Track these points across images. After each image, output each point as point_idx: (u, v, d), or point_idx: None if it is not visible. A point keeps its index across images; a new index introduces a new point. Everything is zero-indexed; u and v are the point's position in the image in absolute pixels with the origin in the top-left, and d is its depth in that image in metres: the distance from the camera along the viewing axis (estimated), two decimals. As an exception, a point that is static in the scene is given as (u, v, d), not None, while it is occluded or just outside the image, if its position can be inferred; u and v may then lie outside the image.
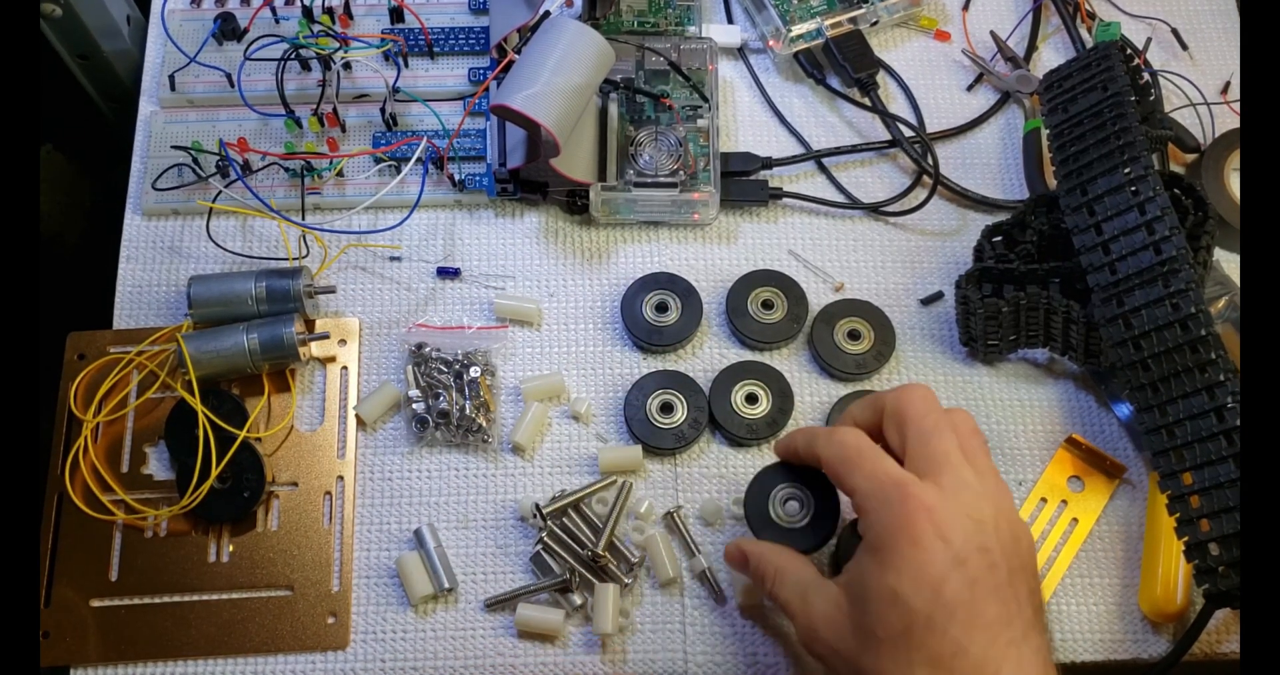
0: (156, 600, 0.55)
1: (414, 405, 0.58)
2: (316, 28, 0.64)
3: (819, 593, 0.45)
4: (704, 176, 0.63)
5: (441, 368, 0.59)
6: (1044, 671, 0.40)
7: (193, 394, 0.55)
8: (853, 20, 0.69)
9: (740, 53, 0.71)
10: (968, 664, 0.39)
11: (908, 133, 0.66)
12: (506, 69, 0.60)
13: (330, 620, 0.54)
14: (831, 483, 0.48)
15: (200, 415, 0.55)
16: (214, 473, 0.54)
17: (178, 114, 0.66)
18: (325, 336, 0.60)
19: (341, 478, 0.57)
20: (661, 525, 0.57)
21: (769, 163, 0.66)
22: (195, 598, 0.55)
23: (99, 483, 0.56)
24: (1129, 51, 0.62)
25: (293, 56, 0.63)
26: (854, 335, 0.61)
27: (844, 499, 0.48)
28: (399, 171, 0.63)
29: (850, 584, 0.43)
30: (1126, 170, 0.53)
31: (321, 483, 0.57)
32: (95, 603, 0.54)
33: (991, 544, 0.42)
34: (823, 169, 0.68)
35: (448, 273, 0.63)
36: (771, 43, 0.69)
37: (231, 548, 0.55)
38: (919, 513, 0.41)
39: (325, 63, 0.64)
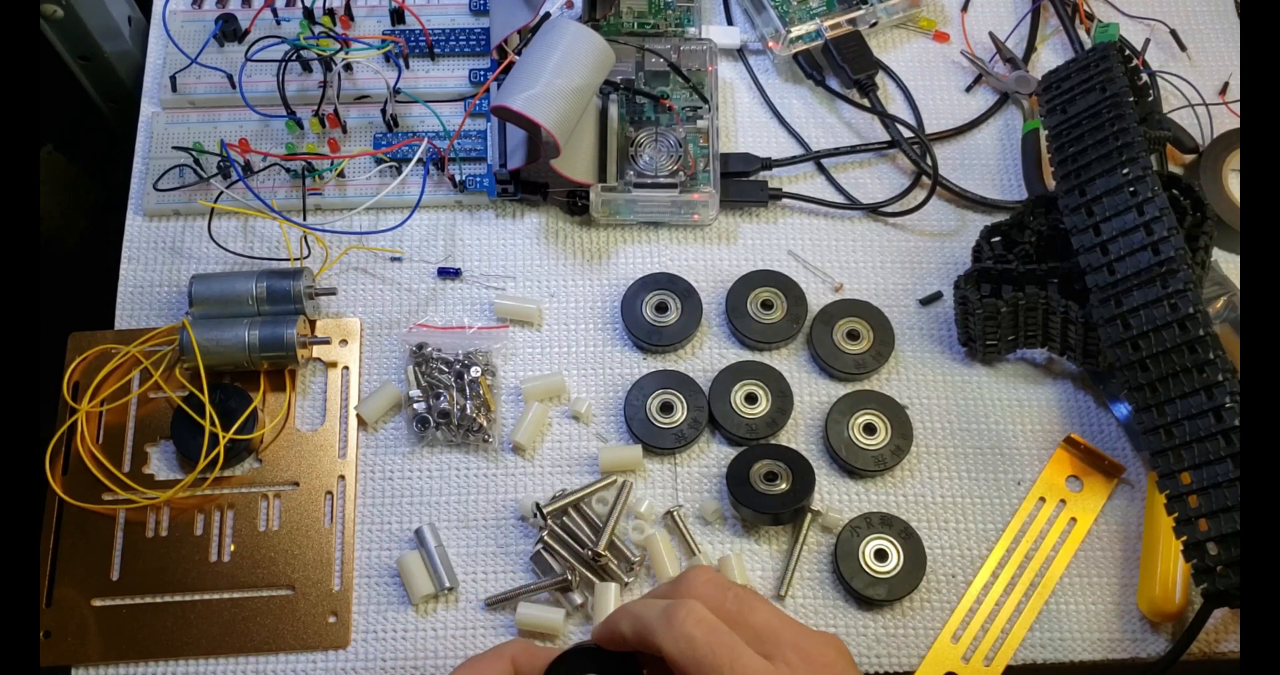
0: (157, 600, 0.55)
1: (415, 405, 0.58)
2: (317, 29, 0.64)
3: None
4: (704, 177, 0.63)
5: (442, 368, 0.59)
6: None
7: (195, 383, 0.56)
8: (852, 21, 0.69)
9: (740, 54, 0.71)
10: None
11: (907, 133, 0.67)
12: (507, 70, 0.60)
13: (331, 620, 0.54)
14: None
15: (205, 399, 0.55)
16: (223, 440, 0.55)
17: (179, 115, 0.66)
18: (326, 341, 0.60)
19: (342, 477, 0.58)
20: (661, 525, 0.57)
21: (768, 163, 0.66)
22: (196, 597, 0.55)
23: (103, 474, 0.56)
24: (1127, 52, 0.62)
25: (294, 58, 0.63)
26: (853, 335, 0.61)
27: None
28: (400, 172, 0.63)
29: None
30: (1125, 171, 0.54)
31: (322, 482, 0.57)
32: (96, 602, 0.54)
33: None
34: (822, 170, 0.68)
35: (448, 273, 0.63)
36: (771, 44, 0.70)
37: (233, 547, 0.55)
38: None
39: (326, 64, 0.64)
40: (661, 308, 0.61)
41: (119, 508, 0.56)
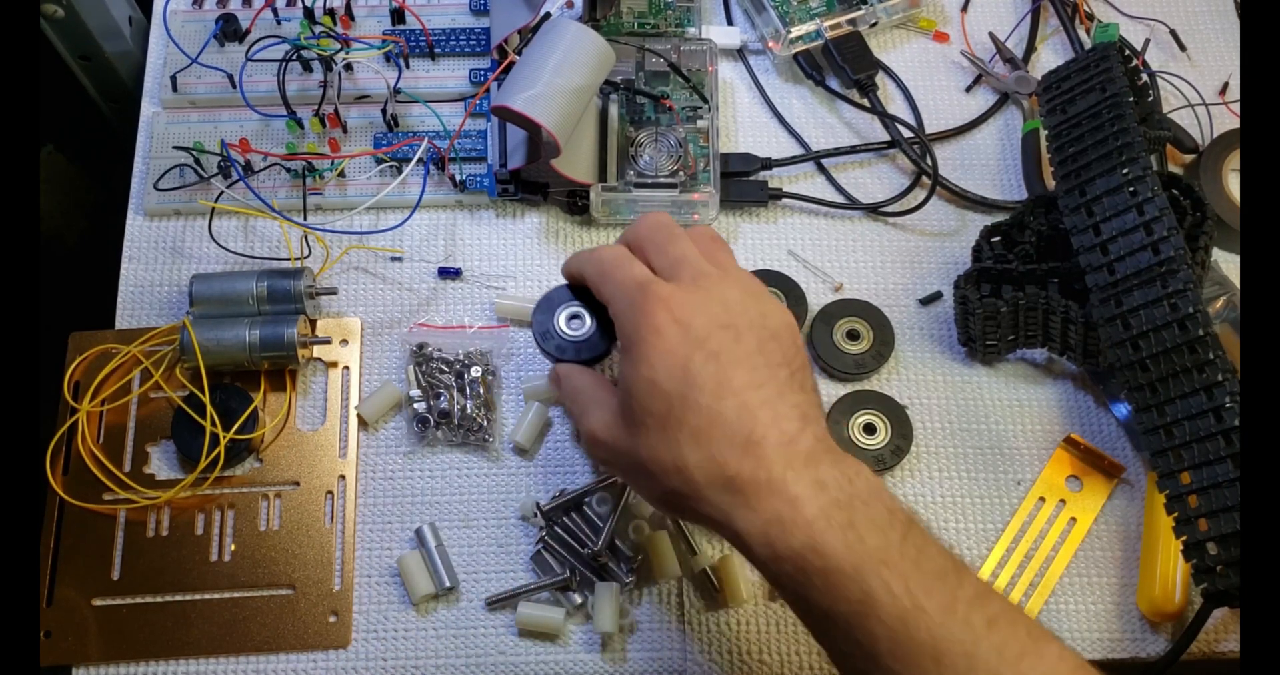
0: (158, 599, 0.55)
1: (415, 405, 0.58)
2: (318, 29, 0.64)
3: (597, 402, 0.47)
4: (704, 177, 0.63)
5: (443, 367, 0.59)
6: (801, 421, 0.43)
7: (196, 383, 0.56)
8: (852, 22, 0.69)
9: (740, 54, 0.71)
10: (725, 427, 0.42)
11: (907, 134, 0.67)
12: (507, 70, 0.60)
13: (332, 619, 0.54)
14: None
15: (205, 399, 0.55)
16: (224, 439, 0.55)
17: (179, 115, 0.66)
18: (327, 341, 0.60)
19: (343, 477, 0.58)
20: (661, 524, 0.57)
21: (768, 163, 0.66)
22: (197, 597, 0.55)
23: (104, 474, 0.56)
24: (1127, 52, 0.62)
25: (294, 58, 0.63)
26: (853, 335, 0.61)
27: None
28: (400, 172, 0.63)
29: (618, 387, 0.46)
30: (1125, 171, 0.54)
31: (323, 482, 0.57)
32: (97, 602, 0.54)
33: (736, 321, 0.44)
34: (822, 170, 0.68)
35: (449, 273, 0.63)
36: (771, 44, 0.70)
37: (233, 547, 0.56)
38: (657, 305, 0.44)
39: (327, 64, 0.64)
40: (662, 308, 0.61)
41: (119, 507, 0.56)
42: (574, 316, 0.53)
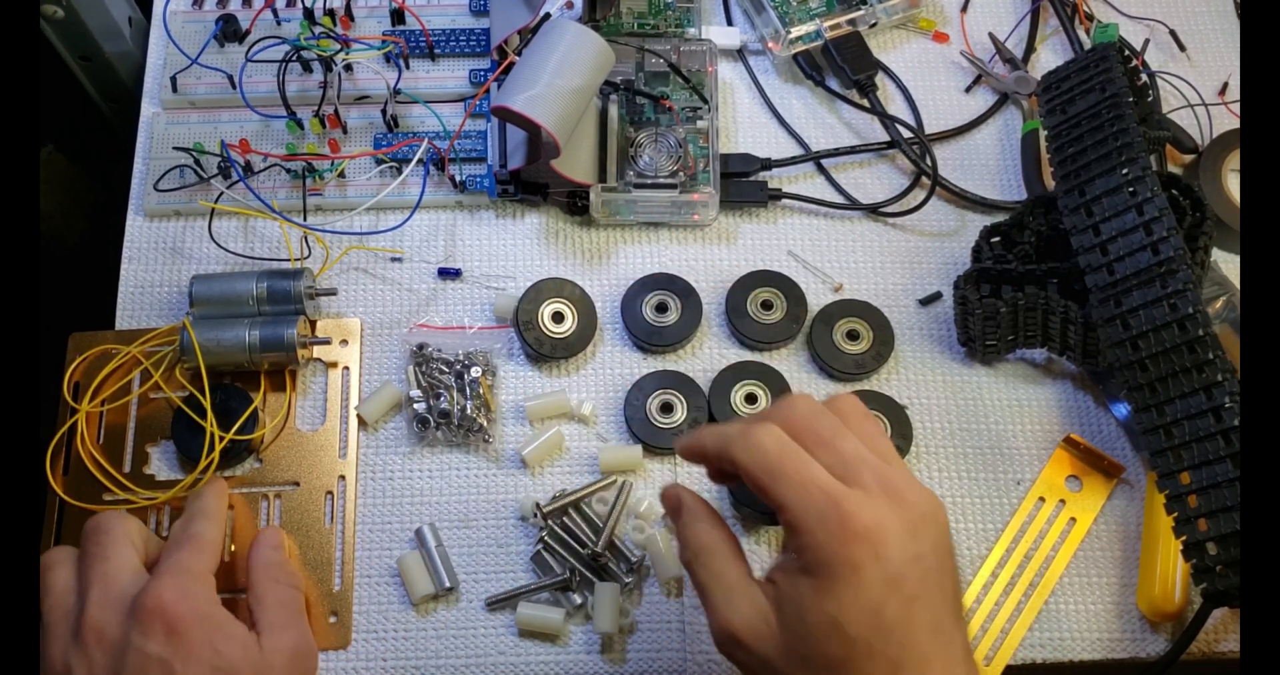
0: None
1: (415, 405, 0.58)
2: (318, 29, 0.64)
3: (745, 597, 0.42)
4: (704, 177, 0.63)
5: (442, 368, 0.59)
6: (966, 663, 0.41)
7: (196, 384, 0.56)
8: (851, 22, 0.69)
9: (739, 54, 0.71)
10: None
11: (906, 134, 0.67)
12: (507, 70, 0.60)
13: (332, 619, 0.54)
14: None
15: (205, 401, 0.55)
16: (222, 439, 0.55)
17: (179, 115, 0.66)
18: (327, 341, 0.60)
19: (343, 477, 0.58)
20: (661, 525, 0.57)
21: (768, 164, 0.66)
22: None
23: (104, 474, 0.56)
24: (1127, 53, 0.62)
25: (294, 58, 0.63)
26: (853, 335, 0.61)
27: None
28: (400, 173, 0.63)
29: (783, 602, 0.41)
30: (1124, 171, 0.54)
31: (323, 482, 0.57)
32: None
33: (924, 547, 0.40)
34: (822, 170, 0.68)
35: (449, 273, 0.63)
36: (770, 44, 0.70)
37: (233, 547, 0.55)
38: (858, 535, 0.39)
39: (326, 64, 0.64)
40: (661, 308, 0.61)
41: (119, 509, 0.56)
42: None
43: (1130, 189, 0.53)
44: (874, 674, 0.39)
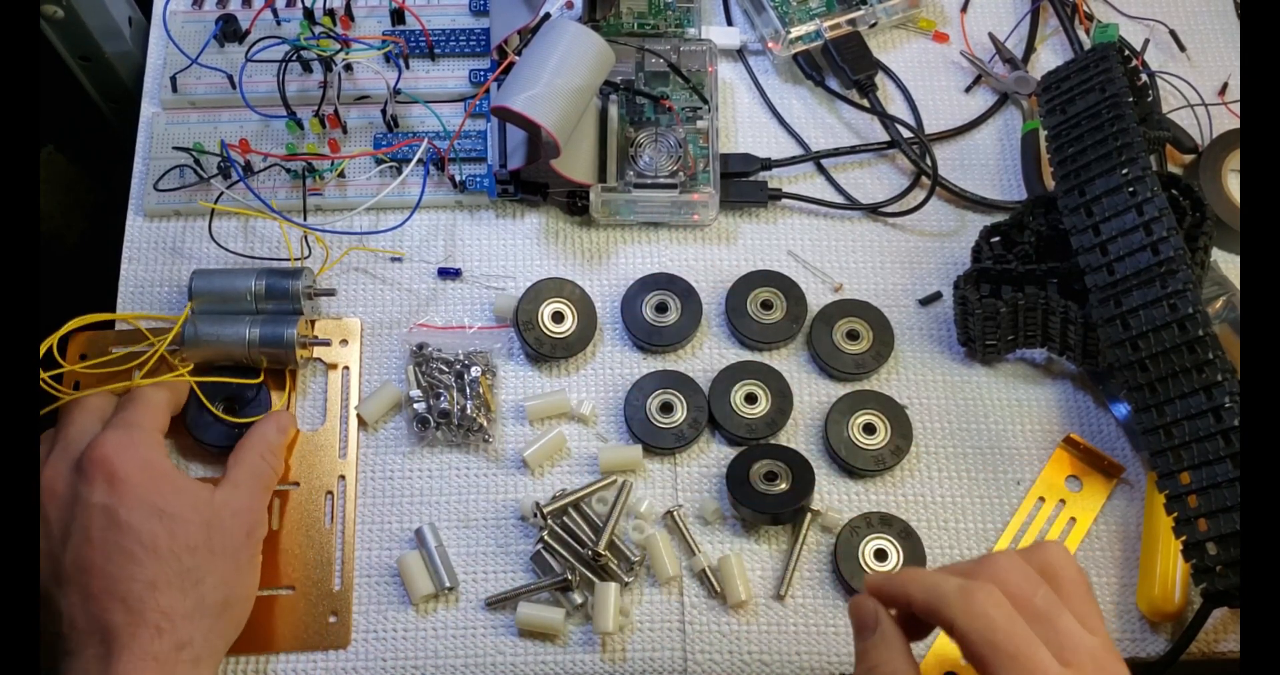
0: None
1: (415, 405, 0.58)
2: (318, 29, 0.64)
3: None
4: (703, 177, 0.63)
5: (442, 367, 0.59)
6: None
7: (198, 371, 0.57)
8: (851, 22, 0.69)
9: (739, 54, 0.71)
10: None
11: (906, 134, 0.67)
12: (507, 70, 0.60)
13: (332, 619, 0.54)
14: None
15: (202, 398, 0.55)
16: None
17: (179, 115, 0.66)
18: (326, 342, 0.60)
19: (343, 477, 0.58)
20: (661, 524, 0.57)
21: (768, 164, 0.66)
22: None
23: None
24: (1127, 53, 0.62)
25: (294, 58, 0.63)
26: (853, 335, 0.61)
27: None
28: (400, 173, 0.63)
29: None
30: (1124, 171, 0.54)
31: (323, 482, 0.57)
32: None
33: None
34: (822, 170, 0.68)
35: (449, 273, 0.63)
36: (770, 44, 0.70)
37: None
38: None
39: (326, 64, 0.64)
40: (661, 308, 0.61)
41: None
42: None
43: (1130, 189, 0.53)
44: None
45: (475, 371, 0.59)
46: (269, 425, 0.56)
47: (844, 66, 0.68)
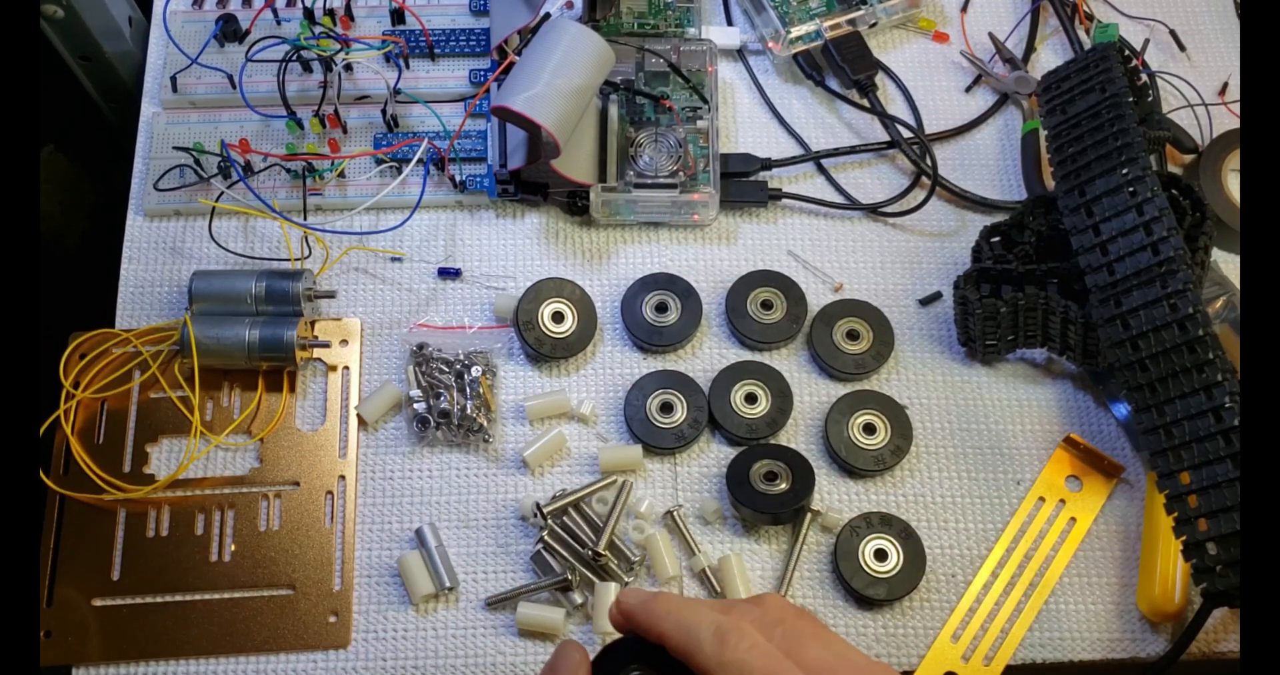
0: (158, 599, 0.55)
1: (415, 405, 0.58)
2: (318, 29, 0.64)
3: None
4: (704, 177, 0.63)
5: (442, 367, 0.59)
6: None
7: (191, 381, 0.56)
8: (851, 22, 0.69)
9: (739, 54, 0.71)
10: None
11: (906, 134, 0.67)
12: (507, 70, 0.60)
13: (332, 619, 0.54)
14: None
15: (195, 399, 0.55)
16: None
17: (179, 115, 0.66)
18: (326, 345, 0.60)
19: (343, 477, 0.58)
20: (661, 524, 0.57)
21: (768, 164, 0.66)
22: (197, 597, 0.55)
23: (103, 471, 0.56)
24: (1127, 53, 0.62)
25: (294, 58, 0.63)
26: (853, 335, 0.61)
27: None
28: (400, 172, 0.63)
29: None
30: (1124, 171, 0.54)
31: (323, 482, 0.57)
32: (97, 602, 0.54)
33: None
34: (822, 170, 0.68)
35: (449, 273, 0.63)
36: (771, 44, 0.70)
37: (233, 547, 0.56)
38: None
39: (326, 64, 0.64)
40: (661, 308, 0.61)
41: (120, 495, 0.55)
42: None
43: (1130, 189, 0.53)
44: None
45: (475, 371, 0.59)
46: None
47: (844, 66, 0.68)
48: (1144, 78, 0.66)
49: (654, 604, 0.37)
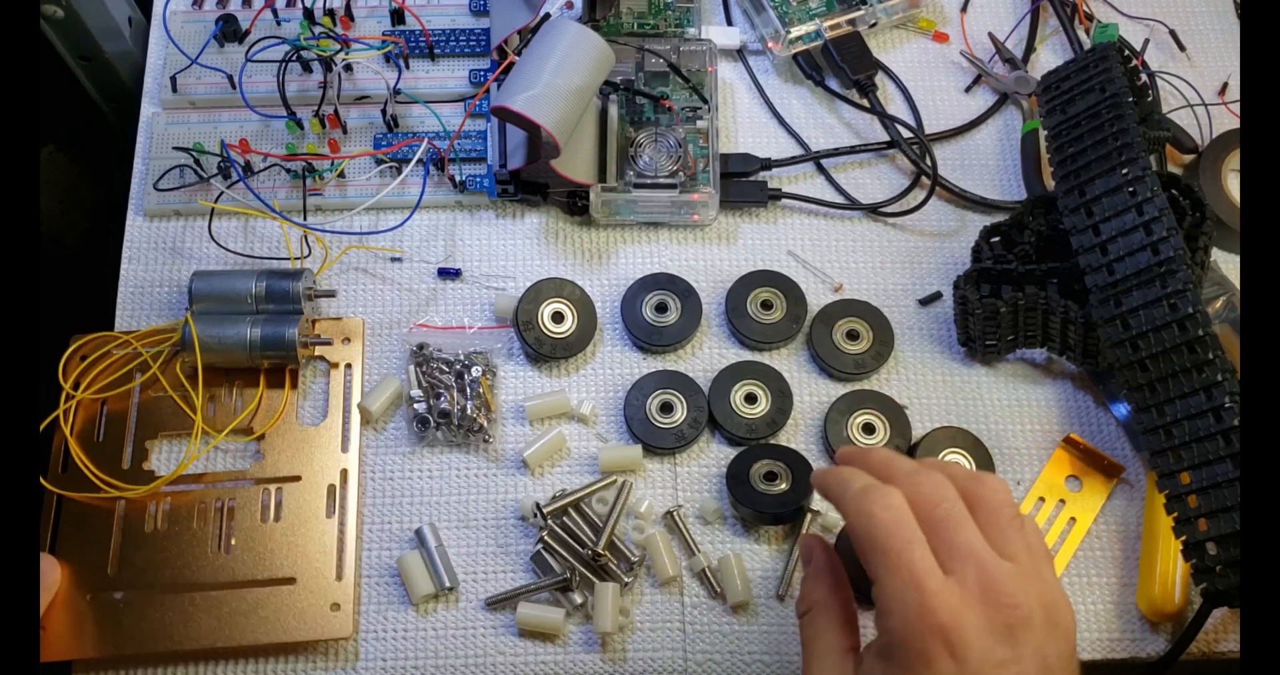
0: (158, 594, 0.54)
1: (415, 405, 0.58)
2: (318, 29, 0.64)
3: (833, 666, 0.42)
4: (703, 177, 0.63)
5: (443, 368, 0.59)
6: None
7: (192, 379, 0.56)
8: (851, 22, 0.69)
9: (739, 54, 0.71)
10: None
11: (906, 134, 0.67)
12: (507, 70, 0.60)
13: (333, 612, 0.54)
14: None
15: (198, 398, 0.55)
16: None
17: (179, 115, 0.66)
18: (328, 342, 0.60)
19: (345, 471, 0.57)
20: (661, 524, 0.57)
21: (768, 164, 0.66)
22: (197, 590, 0.54)
23: (102, 470, 0.56)
24: (1127, 53, 0.62)
25: (294, 58, 0.63)
26: (853, 335, 0.61)
27: None
28: (400, 173, 0.63)
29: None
30: (1124, 171, 0.54)
31: (325, 476, 0.57)
32: (95, 596, 0.54)
33: (1021, 653, 0.38)
34: (821, 170, 0.68)
35: (449, 273, 0.63)
36: (770, 44, 0.70)
37: (234, 541, 0.55)
38: (933, 628, 0.37)
39: (326, 64, 0.64)
40: (661, 308, 0.61)
41: (118, 494, 0.55)
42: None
43: (1130, 189, 0.53)
44: None
45: (475, 371, 0.59)
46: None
47: (844, 66, 0.68)
48: (1144, 78, 0.66)
49: (832, 470, 0.44)
